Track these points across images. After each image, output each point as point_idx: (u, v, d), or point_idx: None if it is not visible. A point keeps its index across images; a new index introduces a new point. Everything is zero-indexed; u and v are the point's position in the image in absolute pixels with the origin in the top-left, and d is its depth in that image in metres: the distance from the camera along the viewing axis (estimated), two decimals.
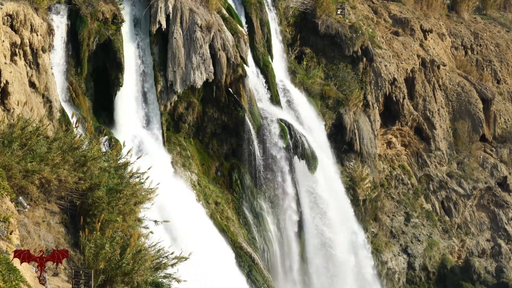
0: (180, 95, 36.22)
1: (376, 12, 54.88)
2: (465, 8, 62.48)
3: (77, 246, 19.41)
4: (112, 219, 19.54)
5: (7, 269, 14.06)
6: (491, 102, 55.69)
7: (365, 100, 46.72)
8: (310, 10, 46.40)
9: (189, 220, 32.61)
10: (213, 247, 33.07)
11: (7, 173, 18.24)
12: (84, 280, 17.18)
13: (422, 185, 51.39)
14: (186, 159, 36.72)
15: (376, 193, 47.13)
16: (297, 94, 43.29)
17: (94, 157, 20.74)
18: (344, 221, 42.93)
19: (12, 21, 27.39)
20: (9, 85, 25.54)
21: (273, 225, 39.26)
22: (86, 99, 33.33)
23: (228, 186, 38.38)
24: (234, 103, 37.71)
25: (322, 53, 46.73)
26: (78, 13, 32.51)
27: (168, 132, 36.29)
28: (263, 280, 35.97)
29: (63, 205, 20.28)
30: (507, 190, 53.93)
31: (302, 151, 39.73)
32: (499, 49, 61.83)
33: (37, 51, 28.66)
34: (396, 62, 50.30)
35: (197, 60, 35.93)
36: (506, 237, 52.51)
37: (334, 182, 42.94)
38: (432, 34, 56.40)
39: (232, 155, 38.71)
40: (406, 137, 51.50)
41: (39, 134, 20.40)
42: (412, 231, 48.73)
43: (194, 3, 36.72)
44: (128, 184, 20.91)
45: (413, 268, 47.94)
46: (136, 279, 18.50)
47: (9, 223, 16.09)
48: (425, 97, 52.24)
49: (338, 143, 44.86)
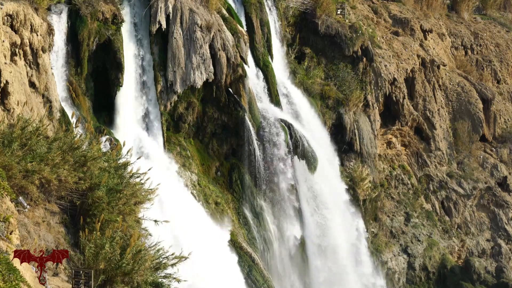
0: (180, 95, 36.22)
1: (376, 12, 54.87)
2: (465, 8, 62.48)
3: (77, 246, 19.41)
4: (112, 219, 19.54)
5: (7, 269, 14.07)
6: (491, 102, 55.69)
7: (365, 100, 46.71)
8: (310, 10, 46.39)
9: (189, 220, 32.62)
10: (213, 247, 33.08)
11: (7, 173, 18.24)
12: (84, 280, 17.18)
13: (422, 185, 51.38)
14: (186, 159, 36.72)
15: (376, 193, 47.13)
16: (297, 94, 43.29)
17: (94, 157, 20.74)
18: (344, 221, 42.93)
19: (12, 21, 27.39)
20: (9, 85, 25.55)
21: (273, 225, 39.26)
22: (86, 99, 33.33)
23: (228, 186, 38.38)
24: (234, 103, 37.72)
25: (322, 53, 46.71)
26: (78, 13, 32.51)
27: (168, 132, 36.30)
28: (263, 280, 35.98)
29: (63, 205, 20.28)
30: (507, 190, 53.92)
31: (302, 151, 39.73)
32: (499, 49, 61.83)
33: (37, 51, 28.67)
34: (396, 62, 50.30)
35: (197, 60, 35.94)
36: (506, 237, 52.50)
37: (334, 182, 42.93)
38: (432, 34, 56.40)
39: (232, 155, 38.71)
40: (406, 137, 51.50)
41: (39, 134, 20.39)
42: (412, 231, 48.74)
43: (194, 3, 36.72)
44: (128, 184, 20.92)
45: (413, 268, 47.93)
46: (136, 279, 18.51)
47: (9, 223, 16.09)
48: (425, 97, 52.24)
49: (338, 143, 44.86)
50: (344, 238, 42.55)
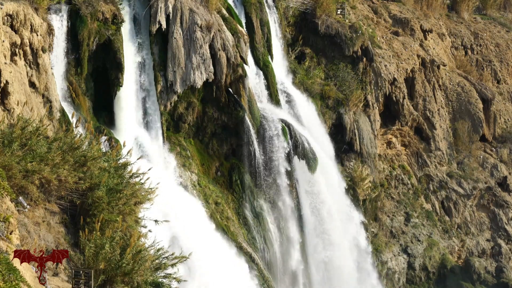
0: (180, 95, 36.22)
1: (376, 12, 54.87)
2: (465, 8, 62.47)
3: (77, 246, 19.41)
4: (112, 219, 19.54)
5: (7, 269, 14.06)
6: (491, 102, 55.69)
7: (365, 100, 46.72)
8: (310, 10, 46.40)
9: (188, 220, 32.61)
10: (213, 246, 33.08)
11: (7, 173, 18.24)
12: (84, 280, 17.18)
13: (422, 185, 51.38)
14: (186, 159, 36.72)
15: (376, 193, 47.13)
16: (297, 94, 43.29)
17: (94, 157, 20.74)
18: (345, 221, 42.93)
19: (12, 21, 27.39)
20: (9, 85, 25.56)
21: (273, 225, 39.25)
22: (86, 99, 33.33)
23: (228, 186, 38.37)
24: (234, 103, 37.72)
25: (322, 53, 46.72)
26: (78, 13, 32.51)
27: (168, 132, 36.29)
28: (263, 280, 35.97)
29: (63, 205, 20.28)
30: (507, 190, 53.92)
31: (302, 151, 39.73)
32: (499, 49, 61.82)
33: (37, 51, 28.67)
34: (396, 62, 50.30)
35: (197, 60, 35.94)
36: (506, 237, 52.50)
37: (334, 182, 42.92)
38: (432, 34, 56.40)
39: (232, 155, 38.70)
40: (406, 137, 51.49)
41: (39, 134, 20.39)
42: (412, 231, 48.74)
43: (194, 3, 36.72)
44: (128, 184, 20.91)
45: (413, 268, 47.94)
46: (136, 279, 18.50)
47: (9, 223, 16.09)
48: (425, 97, 52.24)
49: (338, 143, 44.86)
50: (344, 237, 42.53)
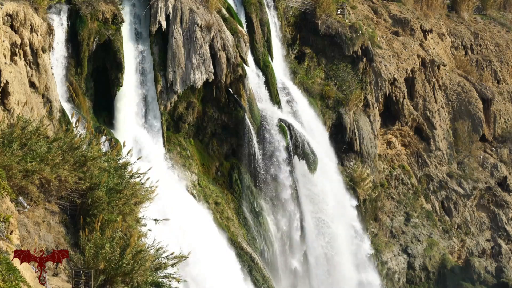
0: (180, 95, 36.22)
1: (376, 12, 54.87)
2: (465, 8, 62.48)
3: (77, 246, 19.40)
4: (112, 219, 19.53)
5: (7, 269, 14.06)
6: (491, 102, 55.69)
7: (365, 100, 46.72)
8: (310, 10, 46.40)
9: (188, 220, 32.61)
10: (213, 246, 33.08)
11: (7, 173, 18.22)
12: (84, 280, 17.18)
13: (422, 185, 51.38)
14: (186, 159, 36.72)
15: (376, 193, 47.13)
16: (297, 94, 43.29)
17: (94, 157, 20.72)
18: (345, 221, 42.91)
19: (12, 21, 27.39)
20: (9, 85, 25.55)
21: (273, 225, 39.26)
22: (86, 99, 33.33)
23: (228, 186, 38.38)
24: (234, 103, 37.72)
25: (322, 53, 46.72)
26: (78, 13, 32.51)
27: (168, 132, 36.29)
28: (263, 280, 35.97)
29: (63, 205, 20.27)
30: (507, 190, 53.92)
31: (302, 151, 39.72)
32: (499, 49, 61.82)
33: (37, 51, 28.66)
34: (396, 62, 50.30)
35: (197, 60, 35.93)
36: (506, 237, 52.50)
37: (334, 182, 42.92)
38: (432, 34, 56.40)
39: (232, 155, 38.70)
40: (406, 137, 51.49)
41: (39, 134, 20.37)
42: (412, 231, 48.74)
43: (194, 3, 36.72)
44: (128, 184, 20.90)
45: (413, 268, 47.93)
46: (136, 279, 18.49)
47: (9, 223, 16.08)
48: (425, 97, 52.24)
49: (338, 143, 44.86)
50: (344, 237, 42.54)
